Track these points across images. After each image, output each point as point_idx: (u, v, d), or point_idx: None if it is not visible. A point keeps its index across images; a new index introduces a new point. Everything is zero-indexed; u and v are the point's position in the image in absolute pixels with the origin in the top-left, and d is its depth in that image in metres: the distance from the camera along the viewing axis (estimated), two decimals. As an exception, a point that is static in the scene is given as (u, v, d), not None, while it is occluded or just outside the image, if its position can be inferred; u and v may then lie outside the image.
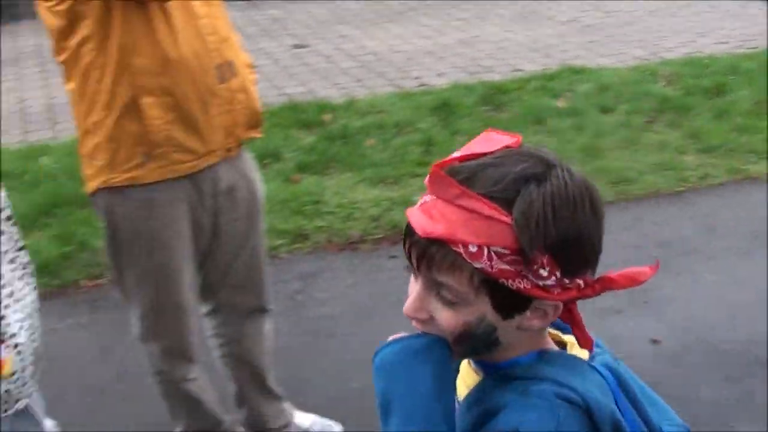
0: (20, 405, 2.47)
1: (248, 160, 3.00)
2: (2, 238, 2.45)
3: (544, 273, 1.17)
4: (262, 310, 3.19)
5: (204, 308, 3.17)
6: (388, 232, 5.02)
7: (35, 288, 2.59)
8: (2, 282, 2.41)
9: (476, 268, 1.18)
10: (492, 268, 1.17)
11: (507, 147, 1.24)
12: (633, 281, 1.24)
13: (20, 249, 2.54)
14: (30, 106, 7.73)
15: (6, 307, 2.40)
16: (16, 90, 8.17)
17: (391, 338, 1.32)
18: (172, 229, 2.81)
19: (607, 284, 1.24)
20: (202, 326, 3.20)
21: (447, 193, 1.19)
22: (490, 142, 1.25)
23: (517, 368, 1.28)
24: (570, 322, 1.31)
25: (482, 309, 1.23)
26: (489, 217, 1.15)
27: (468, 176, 1.19)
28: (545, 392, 1.22)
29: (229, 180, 2.87)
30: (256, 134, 2.93)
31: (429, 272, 1.23)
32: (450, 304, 1.24)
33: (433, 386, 1.24)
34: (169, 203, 2.77)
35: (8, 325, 2.40)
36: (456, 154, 1.24)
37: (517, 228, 1.14)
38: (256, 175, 3.04)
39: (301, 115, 6.66)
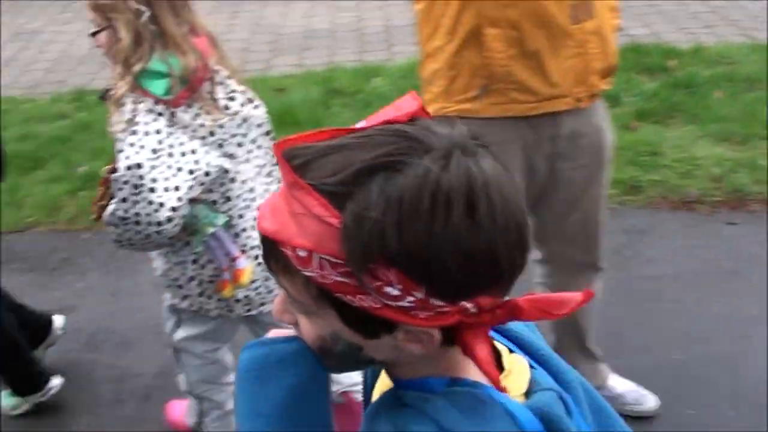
0: (266, 309, 2.65)
1: (599, 107, 2.76)
2: (260, 152, 2.51)
3: (393, 291, 0.91)
4: (593, 268, 2.97)
5: (535, 255, 3.01)
6: (729, 195, 4.59)
7: None
8: (253, 195, 2.49)
9: (307, 277, 0.95)
10: (324, 279, 0.93)
11: (388, 122, 0.97)
12: (545, 313, 0.98)
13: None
14: (368, 27, 7.85)
15: (255, 219, 2.45)
16: (355, 9, 8.33)
17: (267, 336, 1.14)
18: None
19: (515, 312, 0.97)
20: (531, 271, 3.06)
21: (285, 179, 0.95)
22: (397, 110, 0.99)
23: (415, 395, 1.03)
24: (468, 353, 1.00)
25: (333, 324, 1.00)
26: (317, 217, 0.91)
27: (306, 161, 0.94)
28: None
29: (572, 126, 2.65)
30: (605, 85, 2.69)
31: (273, 272, 1.02)
32: (305, 312, 1.02)
33: (286, 403, 1.06)
34: (500, 142, 2.60)
35: (249, 237, 2.52)
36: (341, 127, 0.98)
37: (345, 234, 0.89)
38: (606, 123, 2.79)
39: (644, 59, 6.26)
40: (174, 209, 2.26)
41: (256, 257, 2.52)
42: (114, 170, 2.32)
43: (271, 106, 5.76)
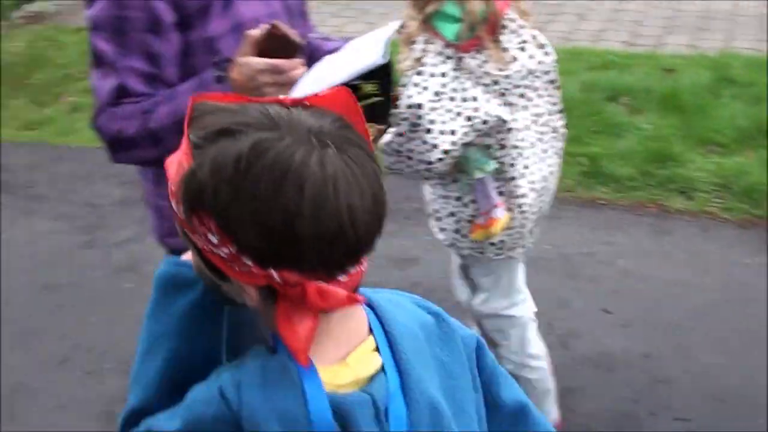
0: (512, 253, 2.66)
1: None
2: (540, 101, 2.49)
3: (213, 239, 1.03)
4: None
5: None
6: None
7: (559, 153, 2.62)
8: (524, 144, 2.47)
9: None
10: (179, 214, 1.06)
11: (279, 101, 1.08)
12: (318, 303, 1.04)
13: (558, 112, 2.55)
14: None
15: (525, 167, 2.48)
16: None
17: (183, 256, 1.25)
18: None
19: (303, 296, 1.04)
20: None
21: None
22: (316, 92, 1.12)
23: (255, 350, 1.14)
24: (276, 320, 1.07)
25: (196, 259, 1.13)
26: (181, 163, 1.05)
27: (198, 115, 1.07)
28: (220, 382, 1.10)
29: None
30: None
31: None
32: (185, 242, 1.13)
33: (181, 322, 1.20)
34: None
35: (516, 186, 2.49)
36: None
37: (181, 180, 1.04)
38: None
39: None
40: (446, 152, 2.33)
41: (520, 206, 2.51)
42: (397, 100, 2.39)
43: (656, 86, 5.48)
